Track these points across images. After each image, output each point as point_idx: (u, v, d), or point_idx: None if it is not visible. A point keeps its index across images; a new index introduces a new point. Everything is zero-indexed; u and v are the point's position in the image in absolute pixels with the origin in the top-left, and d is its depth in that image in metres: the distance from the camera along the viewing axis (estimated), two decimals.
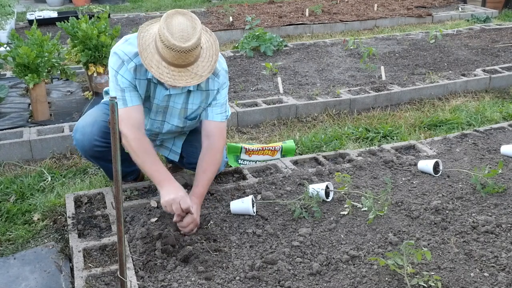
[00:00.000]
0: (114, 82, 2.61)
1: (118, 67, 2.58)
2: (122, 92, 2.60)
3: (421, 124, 4.31)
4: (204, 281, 2.26)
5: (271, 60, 5.76)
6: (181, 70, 2.43)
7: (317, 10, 8.55)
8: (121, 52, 2.58)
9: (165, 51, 2.37)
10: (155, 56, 2.43)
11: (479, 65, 5.75)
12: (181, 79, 2.43)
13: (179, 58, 2.38)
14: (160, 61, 2.41)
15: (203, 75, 2.47)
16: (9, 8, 6.58)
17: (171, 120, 2.80)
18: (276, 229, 2.64)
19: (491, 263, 2.37)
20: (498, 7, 9.40)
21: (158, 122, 2.82)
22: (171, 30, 2.35)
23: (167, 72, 2.41)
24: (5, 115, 4.31)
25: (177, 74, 2.42)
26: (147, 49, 2.44)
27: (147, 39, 2.47)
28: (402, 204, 2.86)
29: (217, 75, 2.70)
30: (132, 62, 2.56)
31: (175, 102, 2.72)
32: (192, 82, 2.45)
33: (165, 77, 2.42)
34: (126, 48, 2.59)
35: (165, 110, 2.76)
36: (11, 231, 2.85)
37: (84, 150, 2.85)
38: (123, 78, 2.57)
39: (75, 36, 4.49)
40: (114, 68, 2.59)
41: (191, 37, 2.36)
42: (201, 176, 2.72)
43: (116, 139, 1.72)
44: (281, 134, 4.18)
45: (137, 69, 2.58)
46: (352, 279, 2.27)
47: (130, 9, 9.83)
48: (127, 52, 2.57)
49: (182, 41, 2.34)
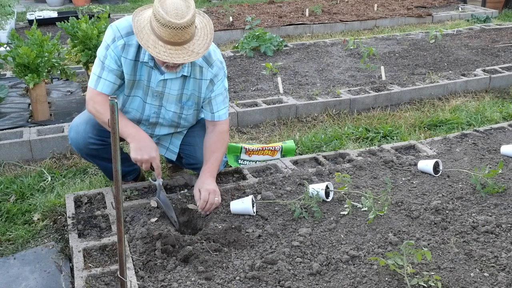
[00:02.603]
0: (102, 55, 2.66)
1: (111, 41, 2.63)
2: (101, 70, 2.67)
3: (421, 124, 4.31)
4: (204, 281, 2.26)
5: (271, 60, 5.76)
6: (178, 48, 2.46)
7: (317, 10, 8.55)
8: (115, 28, 2.64)
9: (161, 29, 2.41)
10: (151, 36, 2.46)
11: (479, 65, 5.75)
12: (178, 56, 2.46)
13: (175, 36, 2.41)
14: (156, 41, 2.45)
15: (200, 52, 2.51)
16: (9, 8, 6.58)
17: (168, 106, 2.82)
18: (276, 229, 2.64)
19: (491, 263, 2.36)
20: (498, 7, 9.41)
21: (155, 107, 2.82)
22: (166, 9, 2.38)
23: (164, 50, 2.45)
24: (5, 115, 4.31)
25: (174, 52, 2.45)
26: (143, 30, 2.48)
27: (141, 22, 2.51)
28: (402, 204, 2.86)
29: (211, 65, 2.73)
30: (122, 40, 2.61)
31: (171, 89, 2.74)
32: (189, 58, 2.48)
33: (162, 55, 2.45)
34: (122, 24, 2.65)
35: (161, 95, 2.77)
36: (11, 231, 2.85)
37: (79, 149, 2.86)
38: (112, 54, 2.63)
39: (75, 36, 4.49)
40: (107, 41, 2.65)
41: (186, 14, 2.40)
42: (211, 155, 2.82)
43: (116, 139, 1.72)
44: (281, 134, 4.18)
45: (125, 48, 2.62)
46: (352, 279, 2.27)
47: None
48: (120, 28, 2.63)
49: (177, 18, 2.38)
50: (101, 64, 2.67)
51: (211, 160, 2.82)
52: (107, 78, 2.67)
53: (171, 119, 2.88)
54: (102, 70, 2.67)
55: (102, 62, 2.66)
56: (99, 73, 2.68)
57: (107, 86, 2.69)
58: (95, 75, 2.69)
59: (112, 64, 2.64)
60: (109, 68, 2.65)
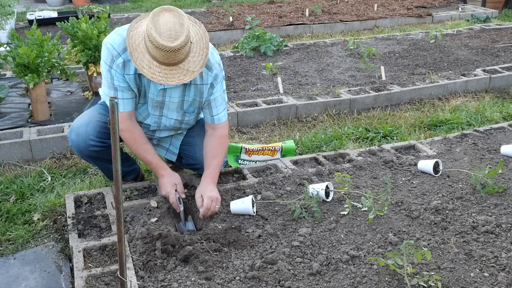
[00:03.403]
0: (108, 78, 2.64)
1: (111, 62, 2.59)
2: (115, 91, 2.64)
3: (421, 124, 4.31)
4: (204, 281, 2.26)
5: (271, 60, 5.76)
6: (173, 68, 2.44)
7: (317, 10, 8.55)
8: (111, 46, 2.58)
9: (154, 51, 2.38)
10: (145, 56, 2.44)
11: (479, 65, 5.75)
12: (173, 77, 2.44)
13: (170, 57, 2.39)
14: (151, 61, 2.43)
15: (195, 70, 2.48)
16: (9, 8, 6.58)
17: (169, 115, 2.81)
18: (276, 229, 2.64)
19: (491, 263, 2.36)
20: (498, 7, 9.41)
21: (156, 117, 2.82)
22: (159, 30, 2.35)
23: (159, 71, 2.43)
24: (5, 115, 4.31)
25: (169, 73, 2.43)
26: (137, 49, 2.45)
27: (136, 39, 2.47)
28: (402, 204, 2.86)
29: (210, 68, 2.71)
30: (120, 58, 2.57)
31: (171, 97, 2.73)
32: (184, 79, 2.46)
33: (157, 77, 2.43)
34: (116, 41, 2.59)
35: (161, 105, 2.76)
36: (11, 231, 2.85)
37: (80, 151, 2.84)
38: (117, 73, 2.60)
39: (75, 36, 4.49)
40: (107, 63, 2.61)
41: (179, 35, 2.37)
42: (211, 161, 2.82)
43: (116, 139, 1.72)
44: (281, 134, 4.18)
45: (125, 65, 2.58)
46: (352, 279, 2.27)
47: (130, 9, 9.84)
48: (116, 46, 2.57)
49: (170, 41, 2.34)
50: (112, 86, 2.64)
51: (212, 165, 2.81)
52: (123, 97, 2.65)
53: (172, 125, 2.88)
54: (116, 91, 2.63)
55: (112, 84, 2.63)
56: (114, 95, 2.63)
57: (128, 104, 2.68)
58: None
59: (121, 83, 2.62)
60: (120, 87, 2.63)
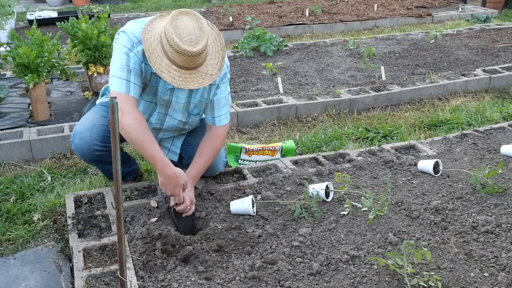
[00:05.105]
0: (124, 59, 2.52)
1: (131, 45, 2.52)
2: (128, 73, 2.52)
3: (421, 124, 4.31)
4: (204, 281, 2.26)
5: (271, 60, 5.76)
6: (192, 72, 2.42)
7: (317, 10, 8.55)
8: (131, 33, 2.53)
9: (174, 55, 2.35)
10: (164, 60, 2.40)
11: (479, 65, 5.75)
12: (193, 80, 2.42)
13: (190, 62, 2.37)
14: (170, 65, 2.39)
15: (213, 73, 2.47)
16: (9, 8, 6.58)
17: (174, 115, 2.80)
18: (276, 229, 2.64)
19: (491, 263, 2.36)
20: (498, 7, 9.41)
21: (161, 115, 2.80)
22: (179, 34, 2.32)
23: (178, 75, 2.40)
24: (5, 115, 4.32)
25: (188, 77, 2.41)
26: (154, 53, 2.41)
27: (152, 42, 2.42)
28: (402, 204, 2.86)
29: None
30: (140, 45, 2.51)
31: (178, 97, 2.71)
32: (204, 82, 2.44)
33: (177, 81, 2.40)
34: (135, 30, 2.53)
35: (167, 104, 2.74)
36: (11, 231, 2.85)
37: (83, 155, 2.82)
38: (135, 57, 2.52)
39: (75, 36, 4.49)
40: (127, 46, 2.52)
41: (200, 40, 2.35)
42: (197, 160, 2.81)
43: (116, 139, 1.72)
44: (281, 134, 4.18)
45: (144, 55, 2.50)
46: (352, 279, 2.27)
47: (130, 9, 9.84)
48: (136, 34, 2.52)
49: (191, 45, 2.33)
50: (126, 67, 2.52)
51: (195, 164, 2.79)
52: (135, 81, 2.54)
53: (176, 126, 2.87)
54: (129, 74, 2.51)
55: (127, 65, 2.51)
56: (126, 77, 2.51)
57: (136, 90, 2.56)
58: (122, 79, 2.51)
59: (137, 67, 2.54)
60: (135, 71, 2.53)
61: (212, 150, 2.82)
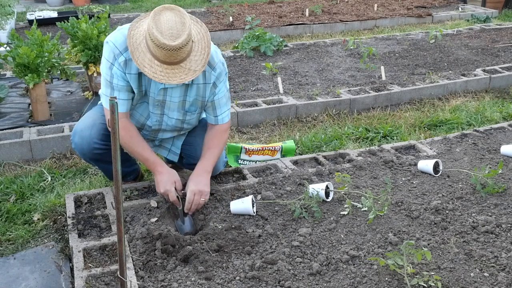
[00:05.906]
0: (108, 75, 2.60)
1: (112, 59, 2.57)
2: (111, 90, 2.62)
3: (421, 124, 4.31)
4: (204, 281, 2.26)
5: (271, 60, 5.76)
6: (174, 67, 2.42)
7: (317, 10, 8.55)
8: (112, 44, 2.56)
9: (156, 49, 2.37)
10: (147, 55, 2.42)
11: (479, 65, 5.75)
12: (175, 76, 2.43)
13: (171, 56, 2.38)
14: (152, 60, 2.42)
15: (197, 69, 2.47)
16: (9, 8, 6.58)
17: (171, 114, 2.80)
18: (276, 229, 2.64)
19: (491, 263, 2.36)
20: (498, 7, 9.41)
21: (157, 116, 2.80)
22: (160, 28, 2.34)
23: (160, 70, 2.41)
24: (5, 115, 4.32)
25: (170, 72, 2.42)
26: (138, 48, 2.44)
27: (137, 38, 2.46)
28: (402, 204, 2.86)
29: (213, 67, 2.69)
30: (122, 56, 2.55)
31: (172, 96, 2.71)
32: (186, 78, 2.45)
33: (159, 76, 2.42)
34: (118, 39, 2.57)
35: (162, 104, 2.74)
36: (11, 231, 2.85)
37: (83, 154, 2.84)
38: (118, 71, 2.57)
39: (75, 36, 4.49)
40: (109, 60, 2.58)
41: (181, 34, 2.36)
42: (206, 152, 2.81)
43: (116, 139, 1.72)
44: (281, 134, 4.18)
45: (127, 64, 2.56)
46: (352, 279, 2.27)
47: (130, 9, 9.84)
48: (118, 44, 2.56)
49: (172, 39, 2.34)
50: (109, 84, 2.61)
51: (206, 155, 2.79)
52: (119, 97, 2.62)
53: (174, 125, 2.87)
54: (113, 90, 2.61)
55: (110, 82, 2.60)
56: (110, 94, 2.63)
57: (123, 105, 2.65)
58: (107, 97, 2.62)
59: (121, 82, 2.59)
60: (118, 87, 2.60)
61: (219, 141, 2.84)
